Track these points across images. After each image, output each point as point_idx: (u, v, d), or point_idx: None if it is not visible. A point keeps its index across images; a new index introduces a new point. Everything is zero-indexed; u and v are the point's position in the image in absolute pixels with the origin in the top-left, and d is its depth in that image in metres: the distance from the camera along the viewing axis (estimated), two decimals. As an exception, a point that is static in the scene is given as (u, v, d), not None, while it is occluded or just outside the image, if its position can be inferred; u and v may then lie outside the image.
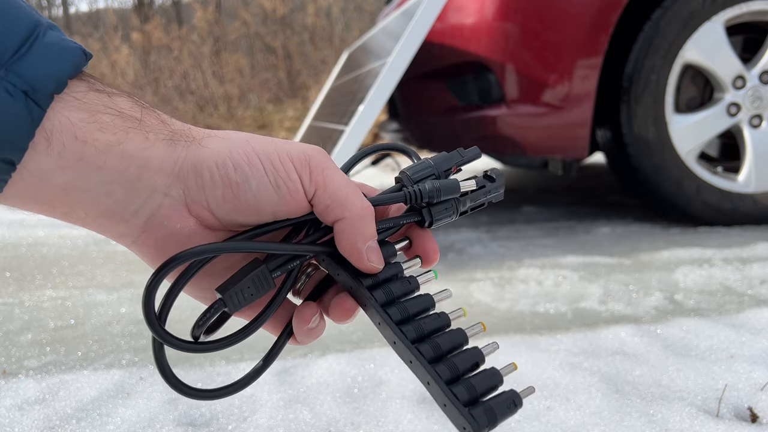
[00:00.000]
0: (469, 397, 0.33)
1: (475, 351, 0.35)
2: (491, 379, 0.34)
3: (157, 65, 6.84)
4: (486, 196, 0.42)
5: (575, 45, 1.63)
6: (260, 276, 0.35)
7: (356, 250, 0.35)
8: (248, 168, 0.33)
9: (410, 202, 0.38)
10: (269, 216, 0.35)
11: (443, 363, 0.34)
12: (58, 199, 0.31)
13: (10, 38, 0.28)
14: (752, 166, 1.74)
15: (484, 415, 0.32)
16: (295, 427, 0.76)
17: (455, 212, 0.40)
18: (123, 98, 0.32)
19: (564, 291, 1.27)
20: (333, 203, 0.35)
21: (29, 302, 1.33)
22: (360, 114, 1.46)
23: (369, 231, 0.36)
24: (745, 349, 0.95)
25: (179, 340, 0.34)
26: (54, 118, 0.29)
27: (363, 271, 0.37)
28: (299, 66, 6.75)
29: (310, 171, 0.35)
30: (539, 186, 2.82)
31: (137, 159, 0.31)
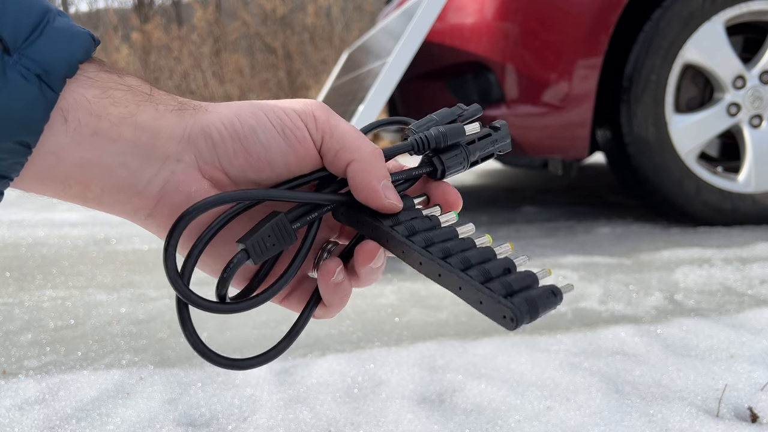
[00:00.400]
0: (505, 291, 0.31)
1: (505, 260, 0.34)
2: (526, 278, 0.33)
3: (157, 65, 6.84)
4: (494, 145, 0.41)
5: (575, 45, 1.63)
6: (280, 225, 0.35)
7: (372, 189, 0.35)
8: (254, 121, 0.34)
9: (417, 149, 0.38)
10: (281, 168, 0.35)
11: (474, 269, 0.33)
12: (74, 177, 0.32)
13: (22, 24, 0.29)
14: (752, 166, 1.74)
15: (525, 303, 0.30)
16: (295, 427, 0.76)
17: (465, 160, 0.40)
18: (132, 77, 0.34)
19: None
20: (342, 148, 0.35)
21: (29, 302, 1.33)
22: (360, 114, 1.46)
23: (382, 170, 0.35)
24: (745, 349, 0.95)
25: (205, 300, 0.33)
26: (69, 96, 0.30)
27: (382, 210, 0.36)
28: (299, 66, 6.76)
29: (315, 119, 0.35)
30: (539, 186, 2.82)
31: (149, 129, 0.32)
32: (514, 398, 0.81)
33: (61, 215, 2.39)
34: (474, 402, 0.81)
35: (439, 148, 0.39)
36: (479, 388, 0.84)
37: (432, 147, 0.39)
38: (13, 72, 0.29)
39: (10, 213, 2.47)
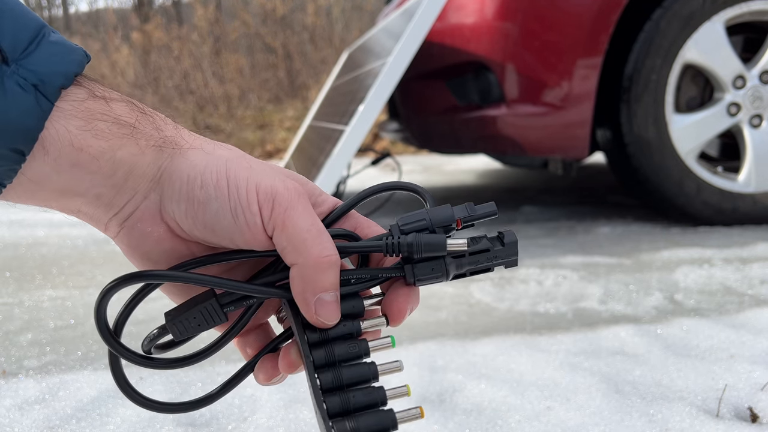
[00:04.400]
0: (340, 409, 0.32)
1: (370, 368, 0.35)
2: (372, 394, 0.33)
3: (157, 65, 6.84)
4: (491, 261, 0.37)
5: (575, 45, 1.63)
6: (209, 309, 0.35)
7: (303, 299, 0.34)
8: (213, 189, 0.33)
9: (388, 252, 0.35)
10: (227, 241, 0.34)
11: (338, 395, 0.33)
12: (53, 200, 0.33)
13: (20, 36, 0.30)
14: (752, 166, 1.74)
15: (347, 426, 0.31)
16: (295, 427, 0.76)
17: (444, 274, 0.36)
18: (121, 104, 0.33)
19: (564, 291, 1.27)
20: (288, 246, 0.33)
21: (29, 302, 1.33)
22: (360, 114, 1.46)
23: (323, 282, 0.33)
24: (745, 349, 0.95)
25: (132, 353, 0.35)
26: (51, 127, 0.31)
27: (312, 324, 0.35)
28: (299, 66, 6.75)
29: (273, 207, 0.33)
30: (539, 186, 2.82)
31: (126, 164, 0.33)
32: (514, 398, 0.80)
33: (60, 215, 2.37)
34: (474, 402, 0.81)
35: (413, 258, 0.36)
36: (479, 388, 0.84)
37: (404, 254, 0.35)
38: (10, 81, 0.29)
39: (10, 213, 2.47)
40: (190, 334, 0.35)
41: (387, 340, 0.36)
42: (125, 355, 0.35)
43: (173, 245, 0.35)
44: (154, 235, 0.35)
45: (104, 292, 0.34)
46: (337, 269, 0.34)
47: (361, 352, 0.35)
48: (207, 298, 0.35)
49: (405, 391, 0.35)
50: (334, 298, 0.34)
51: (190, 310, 0.35)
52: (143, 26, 7.23)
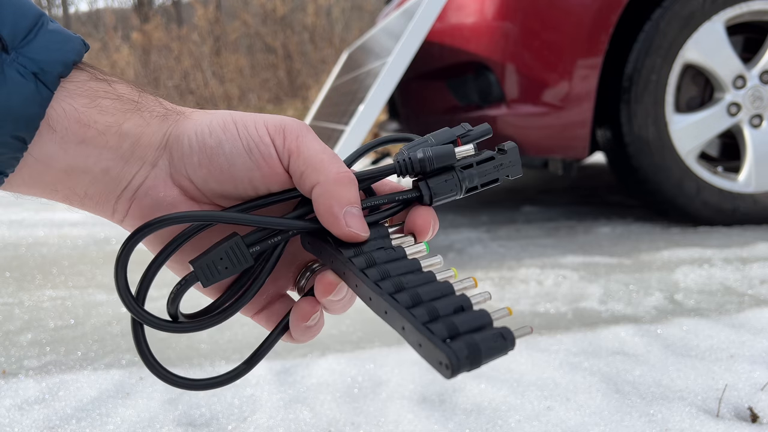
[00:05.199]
0: (448, 333, 0.28)
1: (461, 297, 0.30)
2: (477, 318, 0.29)
3: (157, 65, 6.84)
4: (498, 171, 0.37)
5: (575, 45, 1.63)
6: (234, 248, 0.33)
7: (332, 215, 0.33)
8: (222, 133, 0.34)
9: (401, 172, 0.35)
10: (246, 183, 0.34)
11: (422, 307, 0.29)
12: (60, 182, 0.33)
13: (19, 25, 0.30)
14: (752, 166, 1.74)
15: (465, 348, 0.27)
16: (295, 427, 0.76)
17: (458, 186, 0.36)
18: (122, 85, 0.34)
19: (564, 291, 1.27)
20: (307, 169, 0.33)
21: (29, 302, 1.33)
22: (360, 114, 1.46)
23: (347, 196, 0.33)
24: (745, 349, 0.95)
25: (156, 319, 0.33)
26: (57, 106, 0.31)
27: (342, 238, 0.33)
28: (299, 66, 6.75)
29: (284, 137, 0.34)
30: (539, 186, 2.82)
31: (132, 136, 0.33)
32: (514, 398, 0.81)
33: (61, 215, 2.39)
34: (474, 402, 0.81)
35: (426, 171, 0.36)
36: (479, 388, 0.84)
37: (417, 170, 0.35)
38: (10, 69, 0.30)
39: (10, 213, 2.47)
40: (218, 279, 0.34)
41: (421, 246, 0.35)
42: (150, 322, 0.33)
43: (188, 208, 0.35)
44: (167, 200, 0.34)
45: (126, 244, 0.32)
46: (356, 186, 0.34)
47: (399, 255, 0.34)
48: (231, 237, 0.34)
49: (452, 274, 0.33)
50: (360, 213, 0.34)
51: (215, 250, 0.33)
52: (143, 26, 7.23)
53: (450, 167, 0.36)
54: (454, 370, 0.26)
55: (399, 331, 0.30)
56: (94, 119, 0.32)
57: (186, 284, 0.34)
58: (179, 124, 0.34)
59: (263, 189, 0.35)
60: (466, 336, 0.28)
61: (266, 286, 0.38)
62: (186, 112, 0.35)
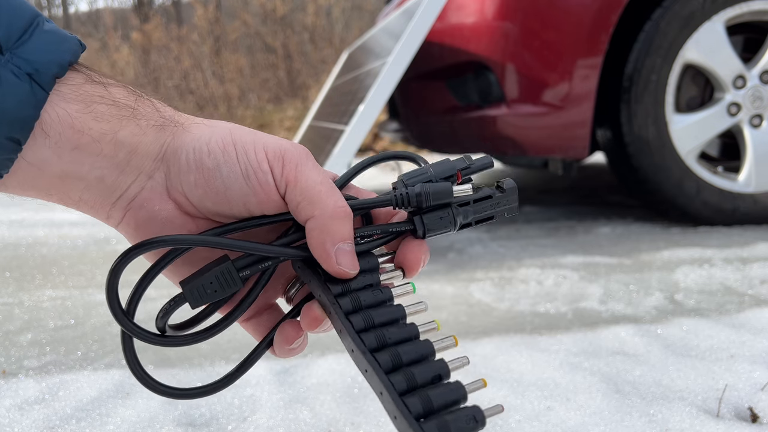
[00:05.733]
0: (422, 410, 0.29)
1: (439, 363, 0.32)
2: (452, 393, 0.31)
3: (157, 65, 6.84)
4: (494, 208, 0.38)
5: (575, 45, 1.63)
6: (225, 273, 0.34)
7: (324, 251, 0.33)
8: (221, 155, 0.33)
9: (397, 205, 0.36)
10: (240, 207, 0.34)
11: (400, 373, 0.31)
12: (54, 187, 0.33)
13: (14, 25, 0.30)
14: (752, 166, 1.74)
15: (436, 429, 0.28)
16: (295, 427, 0.76)
17: (452, 222, 0.37)
18: (118, 88, 0.33)
19: (564, 291, 1.27)
20: (303, 200, 0.33)
21: (29, 302, 1.33)
22: (360, 114, 1.46)
23: (341, 232, 0.34)
24: (746, 349, 0.95)
25: (145, 332, 0.34)
26: (52, 111, 0.31)
27: (333, 275, 0.34)
28: (299, 66, 6.75)
29: (283, 165, 0.34)
30: (539, 186, 2.82)
31: (128, 145, 0.33)
32: (514, 398, 0.80)
33: (61, 215, 2.39)
34: (474, 402, 0.81)
35: (422, 207, 0.36)
36: (479, 388, 0.83)
37: (413, 205, 0.36)
38: (5, 70, 0.29)
39: (10, 213, 2.47)
40: (206, 301, 0.34)
41: (408, 286, 0.36)
42: (138, 334, 0.34)
43: (182, 223, 0.35)
44: (162, 215, 0.34)
45: (117, 263, 0.33)
46: (351, 221, 0.34)
47: (385, 297, 0.35)
48: (222, 262, 0.34)
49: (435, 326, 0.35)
50: (352, 248, 0.34)
51: (205, 274, 0.34)
52: (143, 26, 7.23)
53: (446, 204, 0.37)
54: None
55: (377, 394, 0.31)
56: (88, 126, 0.31)
57: (176, 304, 0.35)
58: (177, 138, 0.34)
59: (258, 212, 0.35)
60: (438, 416, 0.29)
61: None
62: (184, 123, 0.35)
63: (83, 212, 0.36)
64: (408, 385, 0.30)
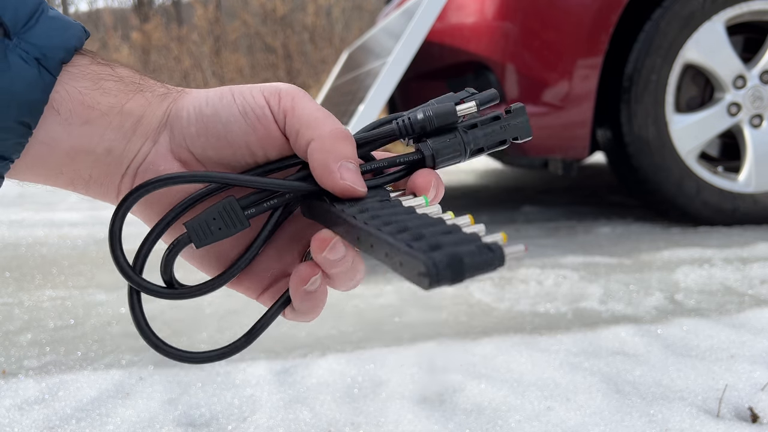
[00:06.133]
0: (429, 248, 0.25)
1: (451, 225, 0.28)
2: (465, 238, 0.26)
3: (157, 65, 6.84)
4: (505, 132, 0.35)
5: (575, 45, 1.63)
6: (228, 208, 0.33)
7: (326, 168, 0.32)
8: (219, 101, 0.34)
9: (402, 134, 0.34)
10: (243, 148, 0.34)
11: (407, 233, 0.27)
12: (65, 165, 0.33)
13: (20, 11, 0.31)
14: (753, 166, 1.74)
15: (444, 257, 0.24)
16: (295, 427, 0.76)
17: (462, 146, 0.34)
18: (124, 68, 0.35)
19: (564, 291, 1.27)
20: (302, 127, 0.33)
21: (29, 302, 1.33)
22: (360, 114, 1.46)
23: (342, 151, 0.32)
24: (746, 349, 0.95)
25: (153, 286, 0.33)
26: (61, 88, 0.32)
27: (337, 192, 0.32)
28: (299, 66, 6.75)
29: (280, 98, 0.34)
30: (539, 186, 2.82)
31: (135, 115, 0.33)
32: (514, 398, 0.80)
33: (61, 215, 2.39)
34: (474, 402, 0.81)
35: (427, 132, 0.34)
36: (479, 388, 0.84)
37: (417, 131, 0.34)
38: (13, 55, 0.30)
39: (10, 213, 2.47)
40: (212, 240, 0.33)
41: (420, 199, 0.33)
42: (146, 289, 0.32)
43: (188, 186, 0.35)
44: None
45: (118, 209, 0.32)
46: (354, 144, 0.33)
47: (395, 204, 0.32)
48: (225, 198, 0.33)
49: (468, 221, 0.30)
50: (357, 169, 0.33)
51: (207, 210, 0.33)
52: (143, 26, 7.23)
53: (453, 128, 0.35)
54: (432, 279, 0.24)
55: (382, 259, 0.27)
56: (97, 100, 0.32)
57: (178, 245, 0.33)
58: (179, 101, 0.35)
59: (261, 154, 0.34)
60: (448, 248, 0.25)
61: (271, 263, 0.38)
62: (186, 90, 0.36)
63: (94, 195, 0.35)
64: (413, 238, 0.26)
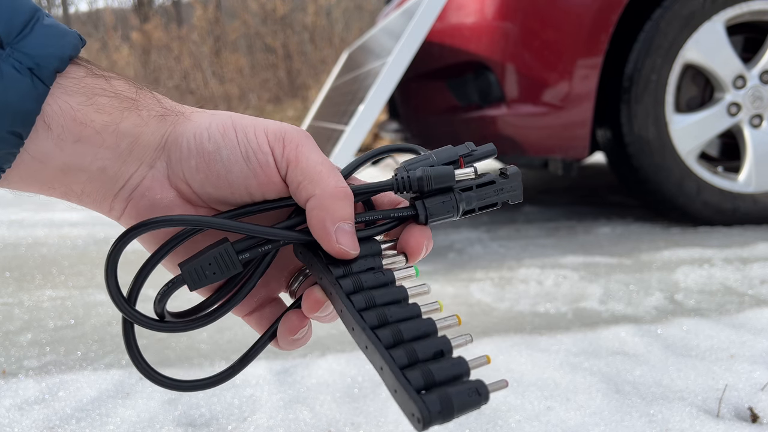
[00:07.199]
0: (423, 383, 0.28)
1: (441, 339, 0.31)
2: (455, 367, 0.29)
3: (157, 65, 6.84)
4: (497, 195, 0.37)
5: (575, 45, 1.63)
6: (223, 254, 0.33)
7: (324, 229, 0.33)
8: (221, 138, 0.33)
9: (398, 189, 0.35)
10: (242, 190, 0.34)
11: (401, 348, 0.30)
12: (57, 180, 0.33)
13: (14, 20, 0.30)
14: (752, 166, 1.74)
15: (437, 401, 0.27)
16: (295, 427, 0.76)
17: (455, 208, 0.36)
18: (120, 81, 0.34)
19: (564, 291, 1.27)
20: (304, 180, 0.33)
21: (29, 302, 1.33)
22: (360, 114, 1.46)
23: (341, 212, 0.33)
24: (746, 349, 0.95)
25: (145, 318, 0.34)
26: (54, 103, 0.31)
27: (332, 254, 0.34)
28: (299, 66, 6.75)
29: (284, 146, 0.33)
30: (539, 186, 2.82)
31: (130, 135, 0.33)
32: (514, 398, 0.80)
33: (61, 215, 2.39)
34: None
35: (424, 191, 0.36)
36: (479, 388, 0.83)
37: (415, 189, 0.35)
38: (6, 65, 0.29)
39: (10, 213, 2.47)
40: (205, 284, 0.34)
41: (410, 270, 0.35)
42: (138, 320, 0.33)
43: (183, 211, 0.35)
44: (163, 203, 0.34)
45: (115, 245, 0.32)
46: (352, 202, 0.34)
47: (387, 279, 0.34)
48: (221, 243, 0.34)
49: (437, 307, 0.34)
50: (352, 229, 0.34)
51: (203, 255, 0.33)
52: (143, 26, 7.23)
53: (449, 188, 0.36)
54: (425, 423, 0.27)
55: (377, 370, 0.30)
56: (90, 118, 0.32)
57: (173, 286, 0.34)
58: (178, 126, 0.34)
59: (259, 196, 0.34)
60: (440, 389, 0.28)
61: (257, 289, 0.38)
62: (186, 112, 0.35)
63: (86, 206, 0.35)
64: (409, 360, 0.29)
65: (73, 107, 0.31)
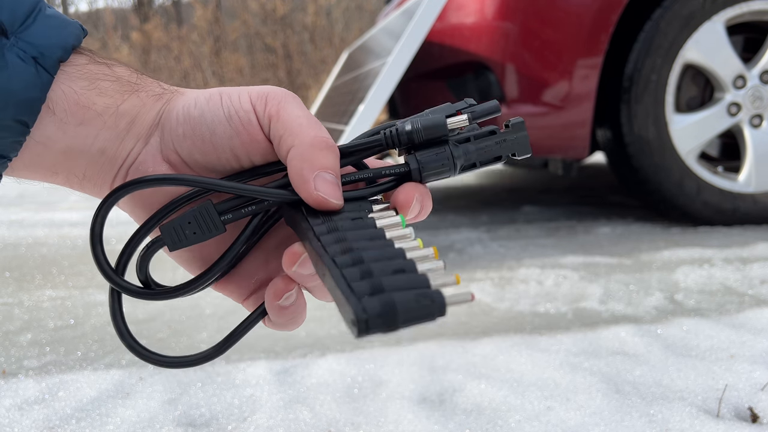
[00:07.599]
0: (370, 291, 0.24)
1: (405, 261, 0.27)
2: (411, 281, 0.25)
3: (157, 65, 6.84)
4: (500, 147, 0.34)
5: (575, 45, 1.63)
6: (203, 212, 0.32)
7: (301, 177, 0.31)
8: (206, 103, 0.34)
9: (387, 144, 0.33)
10: (228, 152, 0.33)
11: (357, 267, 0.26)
12: (59, 164, 0.33)
13: (18, 10, 0.31)
14: (753, 166, 1.74)
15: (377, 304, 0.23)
16: (295, 427, 0.76)
17: (450, 160, 0.33)
18: (121, 67, 0.34)
19: (564, 291, 1.27)
20: (285, 132, 0.32)
21: (29, 302, 1.33)
22: (360, 114, 1.46)
23: (321, 161, 0.31)
24: (746, 349, 0.95)
25: (132, 286, 0.33)
26: (57, 88, 0.31)
27: (312, 204, 0.31)
28: (299, 66, 6.75)
29: (266, 103, 0.33)
30: (539, 186, 2.82)
31: (129, 115, 0.33)
32: (514, 398, 0.80)
33: (61, 215, 2.39)
34: (474, 402, 0.81)
35: (415, 144, 0.33)
36: (479, 388, 0.84)
37: (404, 142, 0.33)
38: (11, 54, 0.30)
39: (10, 213, 2.47)
40: (186, 244, 0.32)
41: (396, 218, 0.31)
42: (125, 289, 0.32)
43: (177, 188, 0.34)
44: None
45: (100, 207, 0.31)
46: (336, 154, 0.32)
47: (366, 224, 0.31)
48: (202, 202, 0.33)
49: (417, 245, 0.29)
50: (335, 180, 0.32)
51: (184, 214, 0.32)
52: (143, 26, 7.23)
53: (443, 141, 0.33)
54: (361, 328, 0.23)
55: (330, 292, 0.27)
56: (93, 101, 0.32)
57: (152, 248, 0.33)
58: (172, 101, 0.35)
59: (245, 159, 0.34)
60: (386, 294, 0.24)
61: (257, 269, 0.37)
62: (181, 90, 0.36)
63: (88, 192, 0.36)
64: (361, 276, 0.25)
65: (77, 91, 0.32)
